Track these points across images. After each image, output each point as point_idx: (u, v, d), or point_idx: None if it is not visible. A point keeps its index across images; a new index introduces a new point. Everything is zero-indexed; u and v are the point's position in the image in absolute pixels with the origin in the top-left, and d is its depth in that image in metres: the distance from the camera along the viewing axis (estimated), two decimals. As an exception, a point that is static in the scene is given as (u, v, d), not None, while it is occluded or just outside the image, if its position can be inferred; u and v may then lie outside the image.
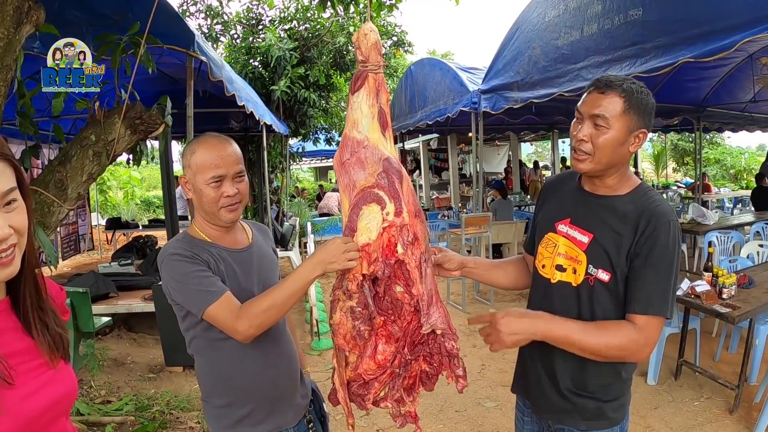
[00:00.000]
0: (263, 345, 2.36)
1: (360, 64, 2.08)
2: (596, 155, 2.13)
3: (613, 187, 2.24)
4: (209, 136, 2.34)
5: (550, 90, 7.35)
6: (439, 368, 2.17)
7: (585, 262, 2.21)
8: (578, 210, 2.30)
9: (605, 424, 2.29)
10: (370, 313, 2.02)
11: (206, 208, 2.28)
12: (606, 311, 2.19)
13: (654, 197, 2.20)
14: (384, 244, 1.97)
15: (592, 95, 2.14)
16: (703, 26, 5.00)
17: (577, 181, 2.39)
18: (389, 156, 2.02)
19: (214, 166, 2.22)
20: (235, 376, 2.36)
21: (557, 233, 2.33)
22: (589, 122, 2.12)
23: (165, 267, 2.23)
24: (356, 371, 2.14)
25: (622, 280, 2.14)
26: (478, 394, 5.71)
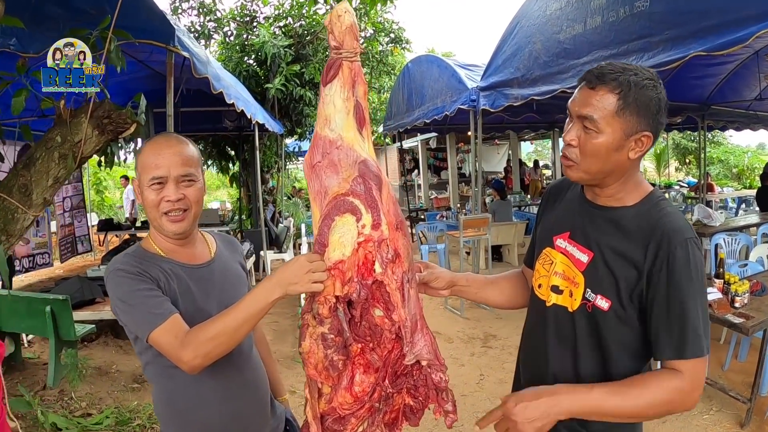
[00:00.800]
0: (225, 374, 2.09)
1: (333, 51, 1.79)
2: (583, 163, 1.81)
3: (617, 197, 1.89)
4: (160, 135, 2.10)
5: (552, 86, 7.10)
6: (425, 402, 1.89)
7: (582, 284, 1.89)
8: (579, 223, 1.97)
9: None
10: (344, 340, 1.74)
11: (148, 213, 2.04)
12: (606, 342, 1.86)
13: (666, 209, 1.84)
14: (360, 262, 1.69)
15: (583, 91, 1.79)
16: (715, 18, 4.73)
17: (581, 187, 2.04)
18: (366, 158, 1.74)
19: (154, 167, 1.99)
20: (192, 408, 2.09)
21: (555, 248, 2.01)
22: (578, 123, 1.79)
23: (109, 284, 1.97)
24: (331, 404, 1.86)
25: (630, 308, 1.81)
26: (476, 408, 5.43)
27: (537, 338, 2.06)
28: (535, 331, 2.07)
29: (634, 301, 1.80)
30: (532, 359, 2.10)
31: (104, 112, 3.61)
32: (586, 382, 1.88)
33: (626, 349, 1.86)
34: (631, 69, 1.76)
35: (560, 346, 1.96)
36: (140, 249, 2.12)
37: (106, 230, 13.75)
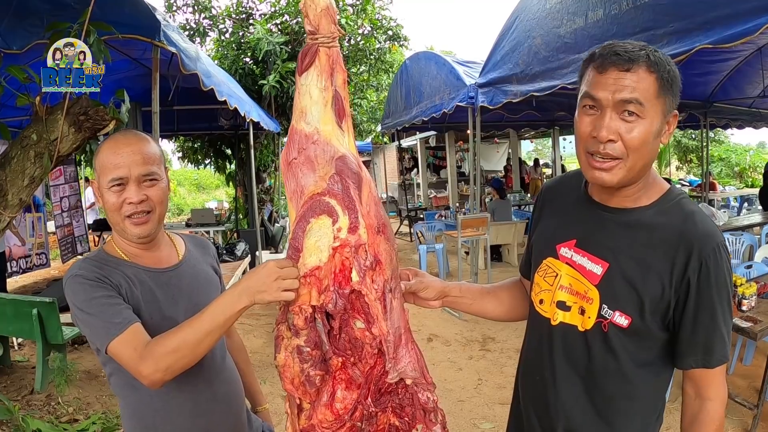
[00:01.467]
0: (193, 386, 1.96)
1: (309, 36, 1.61)
2: (631, 158, 1.56)
3: (634, 197, 1.68)
4: (119, 133, 1.96)
5: (552, 82, 6.98)
6: (413, 423, 1.70)
7: (597, 300, 1.68)
8: (587, 229, 1.75)
9: None
10: (323, 353, 1.57)
11: (109, 216, 1.90)
12: (623, 362, 1.69)
13: (692, 210, 1.65)
14: (336, 269, 1.52)
15: (612, 74, 1.54)
16: (722, 9, 4.57)
17: (583, 187, 1.83)
18: (345, 154, 1.57)
19: (113, 167, 1.85)
20: (158, 424, 1.95)
21: (559, 259, 1.79)
22: (613, 113, 1.54)
23: (67, 291, 1.83)
24: (310, 421, 1.69)
25: (653, 323, 1.64)
26: (474, 414, 5.27)
27: (541, 363, 1.85)
28: (538, 355, 1.87)
29: (657, 314, 1.63)
30: (537, 388, 1.88)
31: (81, 109, 3.47)
32: (604, 411, 1.74)
33: (644, 366, 1.71)
34: (645, 45, 1.58)
35: (570, 372, 1.77)
36: (102, 253, 1.98)
37: (101, 230, 13.64)
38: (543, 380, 1.83)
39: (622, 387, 1.71)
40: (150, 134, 2.06)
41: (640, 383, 1.71)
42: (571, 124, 13.97)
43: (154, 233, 1.96)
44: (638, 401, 1.73)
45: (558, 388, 1.78)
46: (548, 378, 1.81)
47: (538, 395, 1.86)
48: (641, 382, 1.71)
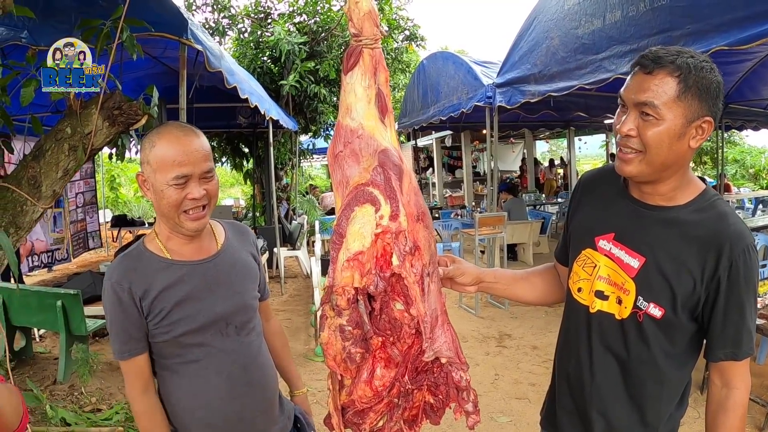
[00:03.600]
0: (228, 372, 2.08)
1: (353, 39, 1.73)
2: (648, 153, 1.69)
3: (668, 195, 1.80)
4: (172, 126, 2.01)
5: (570, 82, 7.06)
6: (446, 401, 1.83)
7: (634, 292, 1.81)
8: (625, 224, 1.87)
9: None
10: (364, 333, 1.68)
11: (165, 211, 1.97)
12: (654, 350, 1.82)
13: (725, 211, 1.77)
14: (378, 253, 1.63)
15: (638, 77, 1.69)
16: (739, 11, 4.64)
17: (622, 182, 1.94)
18: (387, 147, 1.68)
19: (177, 164, 1.91)
20: (195, 406, 2.06)
21: (598, 251, 1.91)
22: (635, 112, 1.69)
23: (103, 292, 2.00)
24: (351, 397, 1.82)
25: (684, 316, 1.77)
26: (491, 408, 5.38)
27: (578, 347, 1.98)
28: (576, 339, 1.99)
29: (687, 307, 1.76)
30: (573, 368, 2.01)
31: (115, 104, 3.56)
32: (634, 393, 1.87)
33: (670, 356, 1.83)
34: (686, 52, 1.68)
35: (606, 355, 1.91)
36: (140, 250, 2.08)
37: (120, 226, 13.81)
38: (579, 363, 1.96)
39: (652, 373, 1.84)
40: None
41: (669, 370, 1.84)
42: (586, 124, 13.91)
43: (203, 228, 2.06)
44: (666, 387, 1.86)
45: (594, 371, 1.91)
46: (584, 361, 1.94)
47: (575, 377, 1.99)
48: (669, 369, 1.83)
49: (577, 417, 2.00)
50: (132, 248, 2.10)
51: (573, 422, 2.02)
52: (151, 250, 2.06)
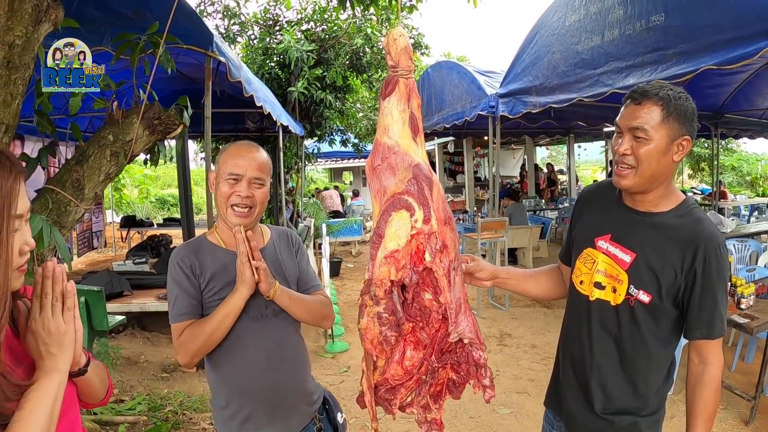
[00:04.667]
0: (265, 348, 2.42)
1: (390, 70, 2.05)
2: (640, 168, 2.08)
3: (655, 203, 2.20)
4: (245, 142, 2.45)
5: (570, 95, 7.35)
6: (467, 377, 2.14)
7: (626, 282, 2.19)
8: (620, 226, 2.26)
9: None
10: (397, 319, 1.99)
11: (218, 203, 2.38)
12: (643, 331, 2.20)
13: (700, 216, 2.17)
14: (412, 251, 1.95)
15: (629, 108, 2.10)
16: (726, 33, 4.95)
17: (617, 194, 2.34)
18: (420, 162, 2.00)
19: (234, 164, 2.33)
20: (236, 375, 2.40)
21: (597, 249, 2.30)
22: (629, 135, 2.09)
23: (168, 268, 2.42)
24: (384, 376, 2.13)
25: (667, 302, 2.14)
26: (493, 401, 5.57)
27: (581, 330, 2.36)
28: (578, 324, 2.37)
29: (671, 295, 2.13)
30: (577, 350, 2.38)
31: (154, 114, 3.82)
32: (628, 369, 2.25)
33: (657, 337, 2.20)
34: (666, 86, 2.08)
35: (604, 336, 2.27)
36: (201, 239, 2.51)
37: (129, 227, 14.07)
38: (581, 344, 2.34)
39: (642, 351, 2.21)
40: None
41: (656, 348, 2.21)
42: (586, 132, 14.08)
43: (251, 225, 2.41)
44: (654, 363, 2.24)
45: (594, 350, 2.29)
46: (585, 342, 2.32)
47: (578, 356, 2.36)
48: (656, 347, 2.21)
49: (579, 391, 2.35)
50: (193, 239, 2.53)
51: (576, 395, 2.37)
52: (210, 240, 2.48)
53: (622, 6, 6.23)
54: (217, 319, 2.26)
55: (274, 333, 2.44)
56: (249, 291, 2.28)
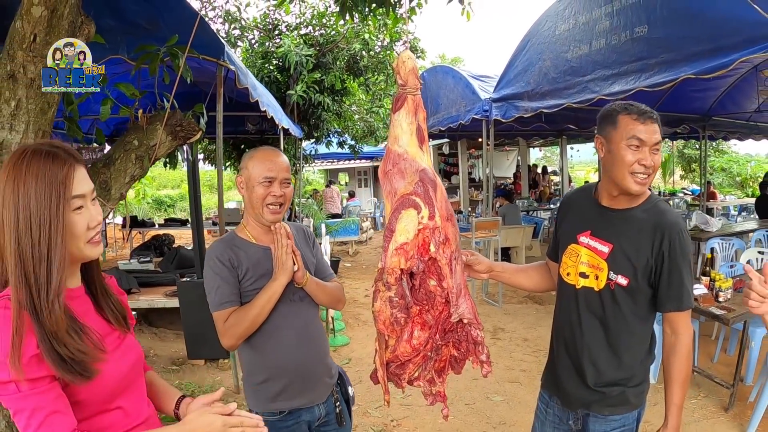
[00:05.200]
0: (295, 328, 2.77)
1: (400, 88, 2.37)
2: (652, 176, 2.48)
3: (630, 200, 2.56)
4: (266, 147, 2.80)
5: (559, 101, 7.65)
6: (466, 354, 2.46)
7: (606, 269, 2.54)
8: (597, 223, 2.62)
9: (627, 408, 2.64)
10: (406, 303, 2.31)
11: (254, 203, 2.70)
12: (626, 311, 2.55)
13: (663, 208, 2.55)
14: (419, 244, 2.26)
15: (649, 125, 2.43)
16: (705, 44, 5.27)
17: (593, 196, 2.70)
18: (425, 167, 2.32)
19: (267, 169, 2.67)
20: (271, 354, 2.74)
21: (579, 244, 2.65)
22: (649, 149, 2.42)
23: (205, 263, 2.74)
24: (394, 353, 2.43)
25: (643, 283, 2.50)
26: (487, 389, 6.04)
27: (570, 316, 2.71)
28: (567, 311, 2.73)
29: (645, 276, 2.50)
30: (567, 334, 2.75)
31: (177, 121, 4.11)
32: (612, 348, 2.61)
33: (636, 315, 2.57)
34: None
35: (591, 319, 2.63)
36: (232, 235, 2.82)
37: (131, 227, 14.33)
38: (572, 328, 2.69)
39: (624, 327, 2.58)
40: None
41: (635, 325, 2.58)
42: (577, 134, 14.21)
43: (279, 221, 2.74)
44: (635, 337, 2.61)
45: (583, 331, 2.65)
46: (575, 326, 2.68)
47: (569, 337, 2.72)
48: (636, 323, 2.58)
49: (573, 369, 2.70)
50: (225, 235, 2.85)
51: (570, 374, 2.72)
52: (241, 236, 2.80)
53: (608, 17, 6.54)
54: (260, 304, 2.59)
55: (302, 315, 2.79)
56: (288, 279, 2.62)
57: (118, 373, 1.75)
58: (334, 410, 2.92)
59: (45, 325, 1.54)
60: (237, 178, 2.80)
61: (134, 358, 1.87)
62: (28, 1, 3.33)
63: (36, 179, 1.58)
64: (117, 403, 1.75)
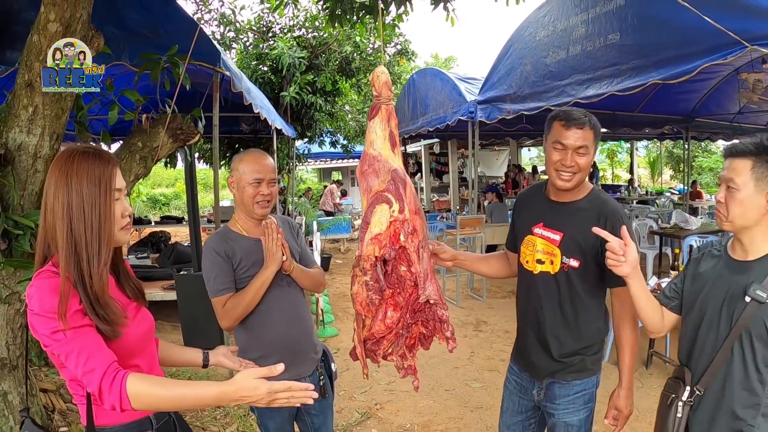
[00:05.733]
0: (284, 310, 3.14)
1: (375, 98, 2.70)
2: (580, 173, 2.81)
3: (572, 194, 2.92)
4: (254, 151, 3.15)
5: (539, 103, 8.01)
6: (434, 331, 2.77)
7: (559, 254, 2.89)
8: (548, 215, 2.97)
9: (586, 374, 3.01)
10: (380, 286, 2.62)
11: (245, 201, 3.03)
12: (579, 289, 2.91)
13: (604, 198, 2.93)
14: (391, 234, 2.58)
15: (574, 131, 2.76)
16: (671, 51, 5.62)
17: (543, 192, 3.06)
18: (396, 168, 2.65)
19: (256, 171, 3.01)
20: (263, 331, 3.10)
21: (534, 235, 3.00)
22: (572, 151, 2.76)
23: (203, 255, 3.08)
24: (370, 332, 2.74)
25: (592, 263, 2.85)
26: (467, 377, 6.38)
27: (531, 299, 3.06)
28: (528, 295, 3.08)
29: (593, 257, 2.84)
30: (530, 315, 3.09)
31: (177, 125, 4.43)
32: (570, 323, 2.97)
33: (589, 292, 2.93)
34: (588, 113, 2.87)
35: (549, 299, 2.98)
36: (226, 229, 3.17)
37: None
38: (534, 309, 3.04)
39: (579, 304, 2.93)
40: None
41: (588, 300, 2.94)
42: None
43: (267, 214, 3.10)
44: (589, 311, 2.96)
45: (544, 311, 3.00)
46: (537, 307, 3.02)
47: (532, 317, 3.07)
48: (589, 299, 2.93)
49: (539, 344, 3.06)
50: (220, 229, 3.19)
51: (537, 350, 3.07)
52: (233, 230, 3.14)
53: (584, 25, 6.90)
54: (254, 290, 2.93)
55: (290, 299, 3.15)
56: (277, 267, 2.96)
57: (136, 336, 2.12)
58: (319, 383, 3.26)
59: (89, 290, 1.93)
60: (229, 178, 3.13)
61: (148, 326, 2.25)
62: (44, 18, 3.66)
63: (87, 174, 1.97)
64: (135, 361, 2.10)
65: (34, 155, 3.88)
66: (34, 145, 3.87)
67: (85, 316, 1.90)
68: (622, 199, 18.54)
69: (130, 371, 1.85)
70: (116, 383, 1.80)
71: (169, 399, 1.84)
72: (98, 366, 1.82)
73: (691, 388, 2.48)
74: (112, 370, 1.83)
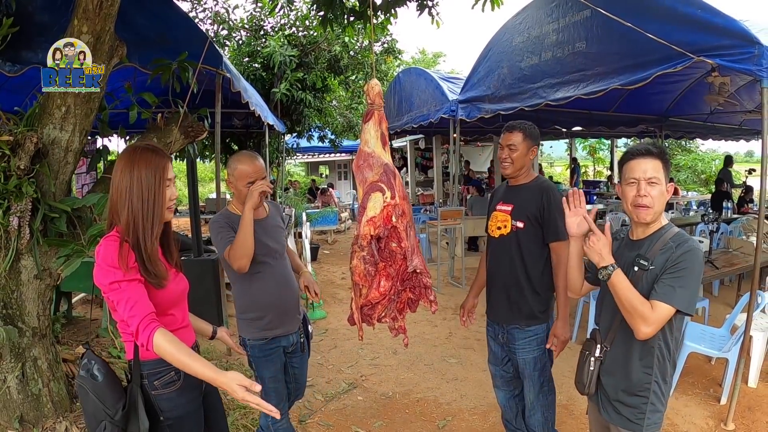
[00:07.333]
0: (274, 274, 3.74)
1: (369, 105, 3.26)
2: (515, 163, 3.69)
3: (521, 179, 3.79)
4: (248, 153, 3.72)
5: (514, 104, 8.49)
6: (419, 296, 3.31)
7: (510, 220, 3.70)
8: (506, 195, 3.83)
9: (537, 321, 3.78)
10: (375, 260, 3.16)
11: (240, 198, 3.61)
12: (525, 245, 3.70)
13: (543, 180, 3.79)
14: (384, 217, 3.13)
15: (506, 135, 3.74)
16: (629, 60, 6.13)
17: (506, 183, 3.87)
18: (387, 162, 3.21)
19: (251, 171, 3.61)
20: (257, 294, 3.71)
21: (497, 210, 3.84)
22: (506, 148, 3.67)
23: (210, 227, 3.67)
24: (366, 299, 3.26)
25: (535, 224, 3.65)
26: (445, 354, 6.98)
27: (495, 258, 3.88)
28: (493, 255, 3.90)
29: (534, 220, 3.67)
30: (495, 270, 3.91)
31: (188, 123, 4.88)
32: (521, 274, 3.76)
33: (533, 246, 3.73)
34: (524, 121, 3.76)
35: (506, 255, 3.79)
36: (227, 211, 3.75)
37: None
38: (498, 268, 3.87)
39: (529, 257, 3.74)
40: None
41: (534, 251, 3.76)
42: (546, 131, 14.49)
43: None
44: (535, 259, 3.76)
45: (503, 264, 3.81)
46: (499, 263, 3.87)
47: (496, 272, 3.90)
48: (535, 249, 3.76)
49: (504, 293, 3.84)
50: (221, 211, 3.76)
51: (501, 297, 3.88)
52: (231, 211, 3.74)
53: (555, 33, 7.43)
54: (243, 229, 3.40)
55: (282, 269, 3.78)
56: (253, 206, 3.42)
57: (175, 292, 2.72)
58: (299, 340, 3.91)
59: (144, 252, 2.50)
60: (228, 178, 3.70)
61: (184, 287, 2.84)
62: (77, 30, 4.10)
63: (147, 165, 2.55)
64: (171, 311, 2.70)
65: (65, 149, 4.34)
66: (66, 140, 4.32)
67: (138, 272, 2.45)
68: (601, 194, 18.92)
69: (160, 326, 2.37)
70: (147, 330, 2.33)
71: (177, 360, 2.33)
72: (138, 313, 2.35)
73: (601, 346, 2.86)
74: (148, 319, 2.36)
